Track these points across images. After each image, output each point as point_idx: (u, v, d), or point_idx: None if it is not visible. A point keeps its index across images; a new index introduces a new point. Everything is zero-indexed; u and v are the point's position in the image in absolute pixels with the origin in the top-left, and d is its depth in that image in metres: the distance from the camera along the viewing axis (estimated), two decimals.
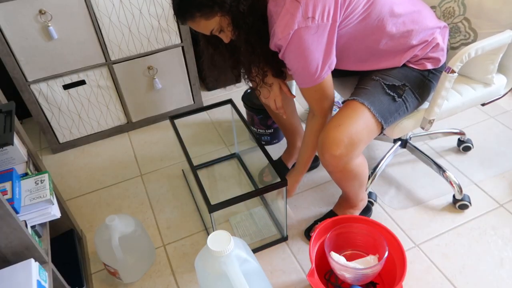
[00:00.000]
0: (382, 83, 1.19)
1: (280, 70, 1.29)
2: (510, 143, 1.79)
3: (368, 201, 1.51)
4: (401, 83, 1.19)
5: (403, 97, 1.20)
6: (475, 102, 1.35)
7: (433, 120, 1.24)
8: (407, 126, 1.27)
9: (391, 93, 1.18)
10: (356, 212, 1.46)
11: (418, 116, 1.27)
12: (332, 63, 1.14)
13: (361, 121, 1.15)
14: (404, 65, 1.22)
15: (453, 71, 1.12)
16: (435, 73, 1.24)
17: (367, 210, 1.49)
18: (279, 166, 1.67)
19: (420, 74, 1.22)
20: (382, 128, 1.20)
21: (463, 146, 1.75)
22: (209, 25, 1.09)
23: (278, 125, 1.70)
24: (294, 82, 1.94)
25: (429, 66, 1.22)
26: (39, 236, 1.11)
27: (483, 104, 1.40)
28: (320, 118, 1.24)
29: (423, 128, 1.27)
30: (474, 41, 1.32)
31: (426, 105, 1.29)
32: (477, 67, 1.32)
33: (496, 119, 1.92)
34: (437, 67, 1.24)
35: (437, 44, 1.21)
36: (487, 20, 1.27)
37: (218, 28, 1.10)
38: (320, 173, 1.72)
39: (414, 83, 1.21)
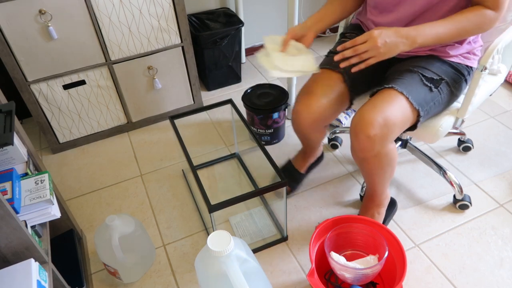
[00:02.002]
0: (421, 75, 1.20)
1: None
2: (510, 143, 1.79)
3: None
4: (439, 77, 1.20)
5: (439, 88, 1.20)
6: (487, 93, 1.37)
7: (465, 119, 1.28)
8: (446, 126, 1.27)
9: (428, 84, 1.19)
10: (382, 211, 1.43)
11: (450, 118, 1.28)
12: None
13: (397, 105, 1.14)
14: (445, 61, 1.24)
15: (485, 68, 1.15)
16: (471, 73, 1.26)
17: (392, 205, 1.48)
18: (291, 172, 1.63)
19: (458, 73, 1.24)
20: (418, 116, 1.18)
21: (463, 146, 1.75)
22: None
23: (298, 136, 1.50)
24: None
25: (474, 63, 1.25)
26: (39, 236, 1.11)
27: (490, 95, 1.42)
28: (491, 11, 1.09)
29: (456, 128, 1.28)
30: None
31: (455, 105, 1.31)
32: None
33: (496, 119, 1.92)
34: (474, 67, 1.26)
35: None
36: None
37: None
38: (320, 173, 1.72)
39: (452, 80, 1.23)
